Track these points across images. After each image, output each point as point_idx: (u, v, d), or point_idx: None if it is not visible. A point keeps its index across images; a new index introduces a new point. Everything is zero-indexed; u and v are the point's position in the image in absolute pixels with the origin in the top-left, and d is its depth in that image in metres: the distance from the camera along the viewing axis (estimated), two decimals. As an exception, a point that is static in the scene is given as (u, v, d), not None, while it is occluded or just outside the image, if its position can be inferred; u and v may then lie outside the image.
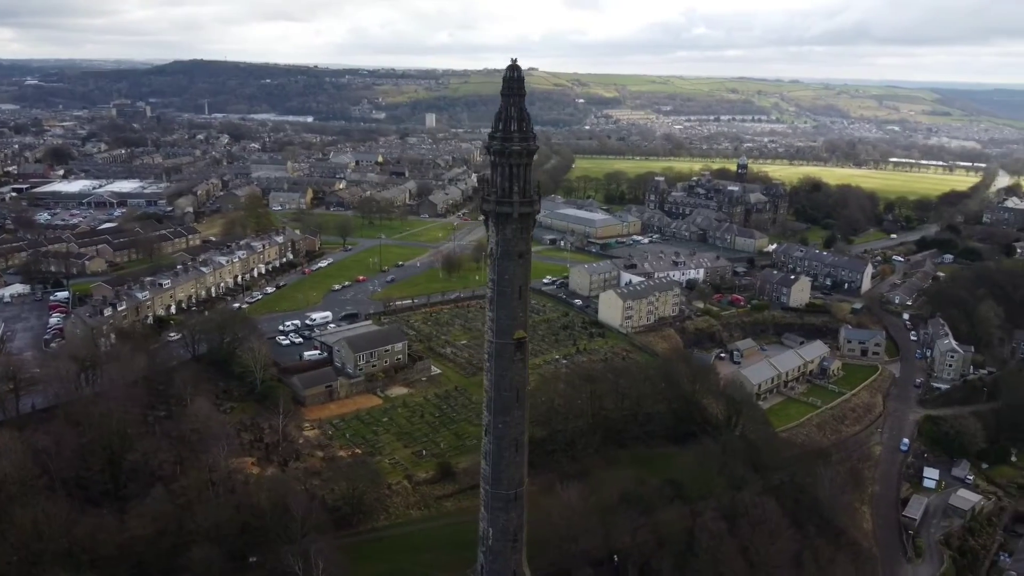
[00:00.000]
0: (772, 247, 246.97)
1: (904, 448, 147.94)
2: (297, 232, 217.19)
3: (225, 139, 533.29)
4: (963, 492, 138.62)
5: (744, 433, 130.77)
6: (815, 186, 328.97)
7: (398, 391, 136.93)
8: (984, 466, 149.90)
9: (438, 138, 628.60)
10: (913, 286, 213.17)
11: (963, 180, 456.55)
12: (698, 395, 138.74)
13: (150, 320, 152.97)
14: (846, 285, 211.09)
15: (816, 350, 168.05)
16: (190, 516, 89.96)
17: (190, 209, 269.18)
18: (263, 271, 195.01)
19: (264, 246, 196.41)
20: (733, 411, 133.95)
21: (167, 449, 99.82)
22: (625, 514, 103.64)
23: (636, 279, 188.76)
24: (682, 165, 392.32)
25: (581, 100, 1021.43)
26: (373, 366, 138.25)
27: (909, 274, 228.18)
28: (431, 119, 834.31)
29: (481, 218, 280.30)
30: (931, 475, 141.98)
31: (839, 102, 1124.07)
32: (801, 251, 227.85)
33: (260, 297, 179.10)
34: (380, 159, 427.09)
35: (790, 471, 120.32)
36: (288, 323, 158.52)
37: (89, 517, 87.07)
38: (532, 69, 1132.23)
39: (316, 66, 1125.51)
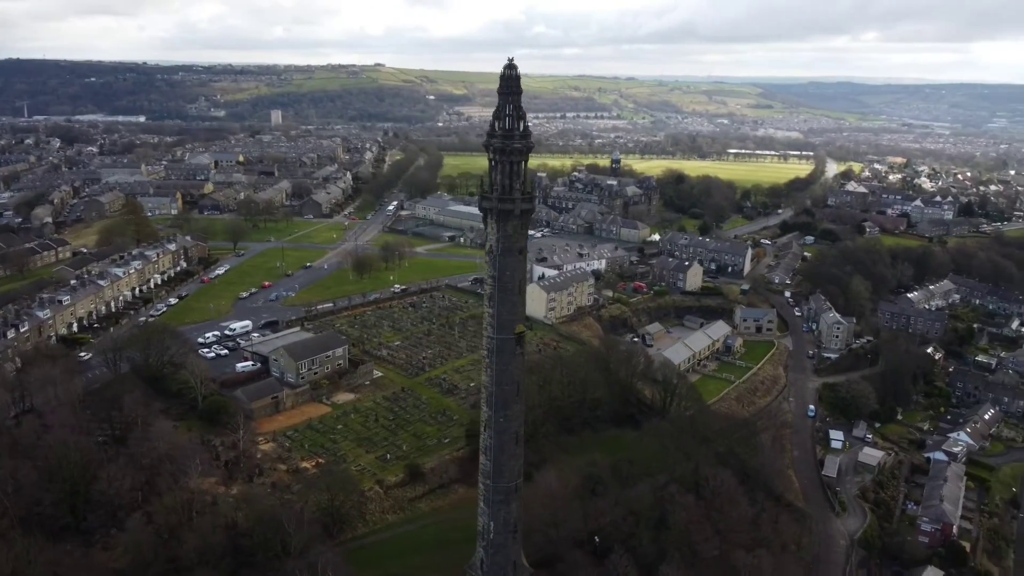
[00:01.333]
0: (655, 236, 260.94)
1: (811, 414, 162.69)
2: (188, 239, 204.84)
3: (56, 143, 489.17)
4: (868, 450, 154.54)
5: (681, 411, 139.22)
6: (679, 178, 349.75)
7: (344, 397, 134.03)
8: (877, 425, 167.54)
9: (291, 135, 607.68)
10: (788, 266, 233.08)
11: (798, 168, 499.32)
12: (633, 379, 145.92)
13: (53, 340, 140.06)
14: (729, 268, 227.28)
15: (720, 329, 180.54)
16: (177, 542, 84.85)
17: (49, 219, 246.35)
18: (159, 281, 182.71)
19: (158, 255, 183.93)
20: (669, 391, 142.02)
21: (134, 475, 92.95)
22: (602, 496, 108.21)
23: (548, 271, 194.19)
24: (554, 162, 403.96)
25: (431, 97, 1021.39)
26: (315, 373, 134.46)
27: (780, 256, 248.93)
28: (277, 116, 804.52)
29: (369, 216, 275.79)
30: (837, 437, 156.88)
31: (672, 98, 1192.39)
32: (686, 239, 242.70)
33: (164, 309, 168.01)
34: (241, 159, 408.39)
35: (729, 442, 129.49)
36: (208, 335, 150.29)
37: (66, 555, 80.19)
38: (379, 65, 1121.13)
39: (145, 63, 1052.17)
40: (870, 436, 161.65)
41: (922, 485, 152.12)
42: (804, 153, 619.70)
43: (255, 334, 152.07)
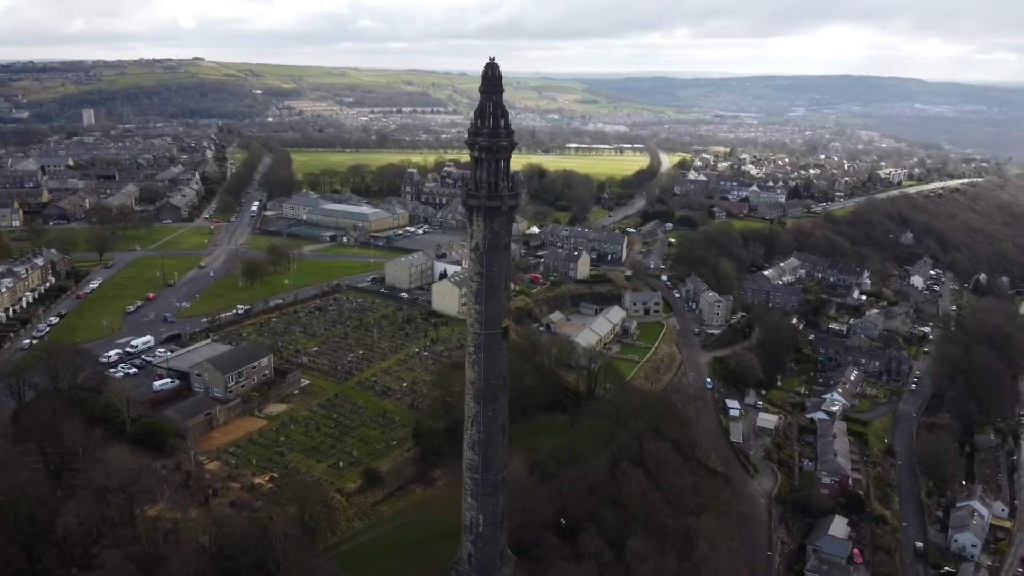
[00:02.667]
0: (534, 229, 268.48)
1: (709, 386, 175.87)
2: (53, 252, 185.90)
3: None
4: (763, 415, 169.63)
5: (606, 393, 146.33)
6: (541, 172, 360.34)
7: (276, 408, 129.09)
8: (763, 392, 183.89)
9: (112, 136, 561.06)
10: (659, 252, 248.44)
11: (636, 160, 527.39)
12: (557, 366, 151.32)
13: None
14: (609, 257, 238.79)
15: (618, 314, 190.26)
16: (165, 572, 79.42)
17: None
18: (31, 299, 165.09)
19: (27, 271, 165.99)
20: (593, 375, 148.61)
21: (98, 508, 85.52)
22: (559, 478, 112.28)
23: (451, 268, 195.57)
24: (417, 157, 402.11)
25: (259, 91, 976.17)
26: (242, 386, 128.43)
27: (649, 243, 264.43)
28: (89, 116, 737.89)
29: (232, 218, 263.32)
30: (733, 406, 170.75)
31: (504, 94, 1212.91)
32: (567, 230, 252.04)
33: (47, 329, 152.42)
34: (72, 163, 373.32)
35: (658, 417, 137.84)
36: (109, 353, 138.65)
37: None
38: (198, 59, 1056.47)
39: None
40: (760, 403, 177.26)
41: (811, 443, 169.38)
42: (636, 146, 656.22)
43: (160, 350, 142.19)
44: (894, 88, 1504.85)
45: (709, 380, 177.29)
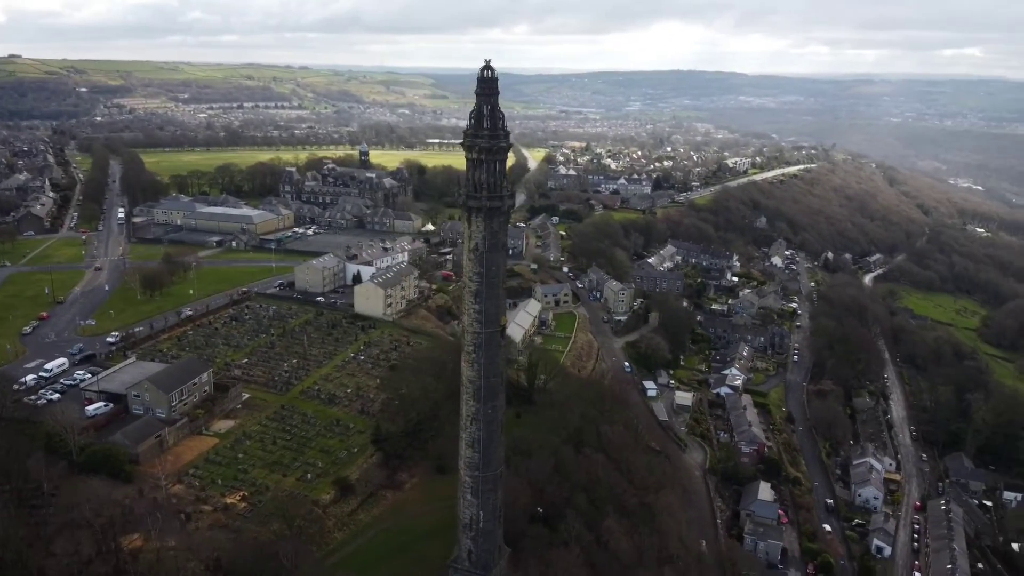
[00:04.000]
0: (430, 226, 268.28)
1: (629, 370, 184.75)
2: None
3: None
4: (679, 393, 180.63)
5: (547, 384, 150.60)
6: (420, 169, 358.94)
7: (224, 425, 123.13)
8: (671, 372, 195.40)
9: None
10: (556, 245, 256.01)
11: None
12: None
13: None
14: (511, 251, 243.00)
15: (535, 306, 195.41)
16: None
17: None
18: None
19: None
20: (533, 367, 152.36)
21: (87, 543, 79.21)
22: (537, 469, 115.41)
23: (364, 269, 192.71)
24: (288, 155, 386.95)
25: (83, 89, 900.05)
26: (185, 404, 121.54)
27: (542, 236, 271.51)
28: None
29: (100, 227, 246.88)
30: (651, 386, 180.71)
31: (351, 87, 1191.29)
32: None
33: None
34: None
35: (602, 403, 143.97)
36: (26, 379, 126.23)
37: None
38: (15, 56, 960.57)
39: None
40: (672, 382, 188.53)
41: (722, 417, 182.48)
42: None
43: (79, 372, 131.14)
44: (720, 82, 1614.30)
45: (628, 364, 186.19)
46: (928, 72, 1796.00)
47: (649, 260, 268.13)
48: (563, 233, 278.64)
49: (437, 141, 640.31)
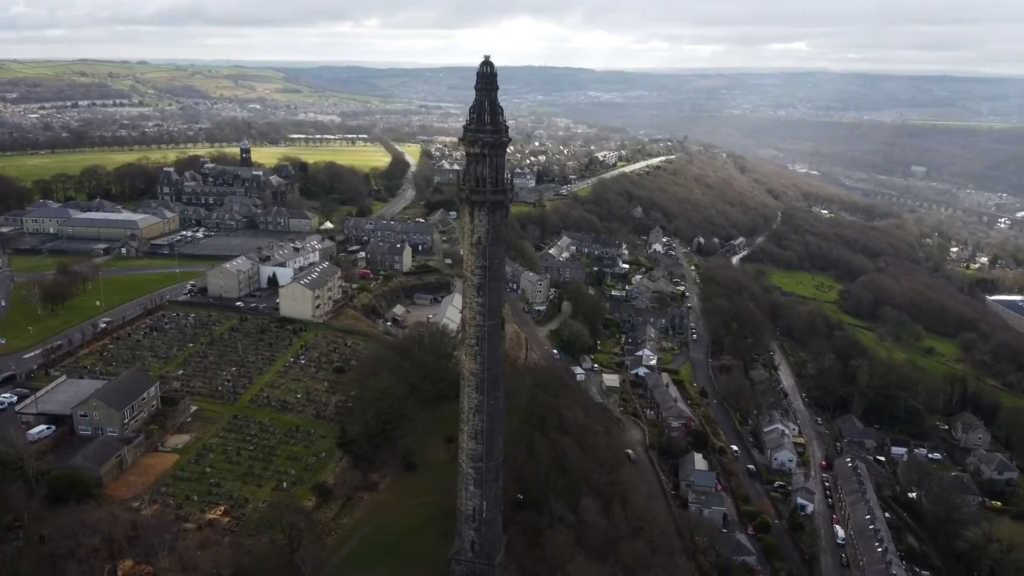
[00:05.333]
0: (328, 224, 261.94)
1: (558, 357, 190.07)
2: None
3: None
4: (607, 376, 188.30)
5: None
6: (303, 165, 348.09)
7: (180, 440, 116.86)
8: (592, 356, 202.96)
9: None
10: (463, 238, 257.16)
11: (370, 150, 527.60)
12: (438, 357, 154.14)
13: None
14: (420, 247, 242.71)
15: (460, 301, 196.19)
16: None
17: None
18: None
19: None
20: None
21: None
22: (516, 457, 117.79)
23: (279, 270, 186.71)
24: (156, 155, 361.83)
25: None
26: (136, 421, 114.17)
27: (445, 231, 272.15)
28: None
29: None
30: (579, 371, 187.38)
31: (195, 83, 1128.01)
32: (371, 224, 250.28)
33: None
34: None
35: (555, 389, 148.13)
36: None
37: None
38: None
39: None
40: (596, 366, 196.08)
41: (644, 395, 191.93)
42: (360, 136, 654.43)
43: (3, 395, 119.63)
44: (570, 77, 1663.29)
45: (556, 351, 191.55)
46: (759, 66, 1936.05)
47: (550, 251, 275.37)
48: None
49: (303, 137, 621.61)
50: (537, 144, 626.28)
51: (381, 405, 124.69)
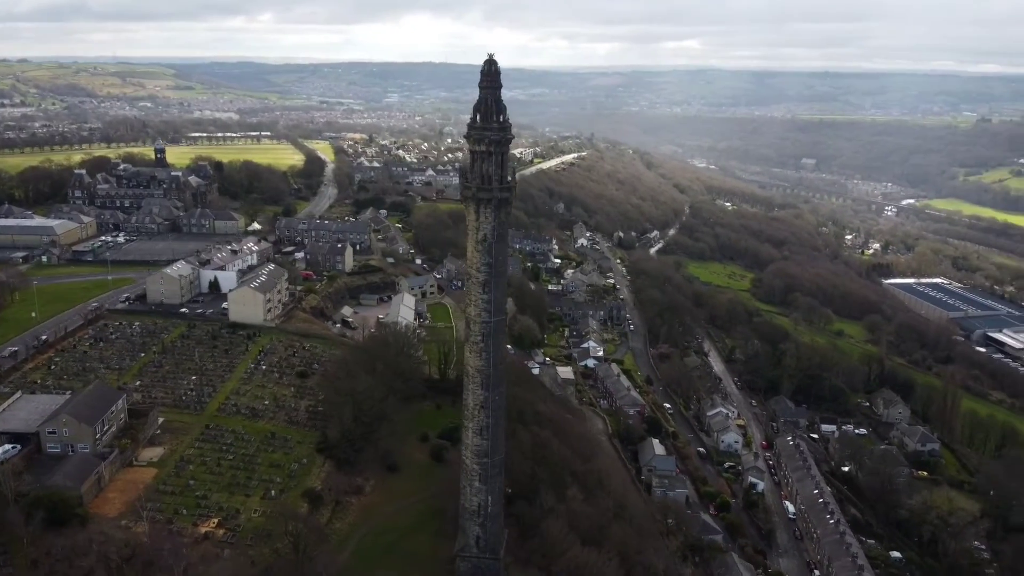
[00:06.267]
0: (256, 225, 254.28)
1: (513, 352, 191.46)
2: None
3: None
4: (560, 368, 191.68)
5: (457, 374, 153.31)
6: (217, 165, 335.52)
7: (153, 453, 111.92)
8: (542, 351, 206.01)
9: None
10: (399, 238, 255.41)
11: (279, 148, 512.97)
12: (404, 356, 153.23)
13: None
14: (357, 247, 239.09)
15: (411, 300, 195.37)
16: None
17: None
18: None
19: None
20: (443, 356, 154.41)
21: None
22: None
23: (221, 274, 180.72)
24: (59, 157, 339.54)
25: None
26: (106, 436, 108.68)
27: (380, 229, 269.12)
28: None
29: None
30: (534, 366, 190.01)
31: (81, 81, 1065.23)
32: (304, 223, 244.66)
33: None
34: None
35: (523, 384, 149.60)
36: None
37: None
38: None
39: None
40: (547, 359, 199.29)
41: (595, 386, 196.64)
42: (264, 134, 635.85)
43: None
44: (470, 74, 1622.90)
45: (510, 346, 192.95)
46: (655, 64, 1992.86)
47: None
48: (398, 226, 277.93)
49: (205, 135, 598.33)
50: (451, 141, 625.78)
51: (361, 407, 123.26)
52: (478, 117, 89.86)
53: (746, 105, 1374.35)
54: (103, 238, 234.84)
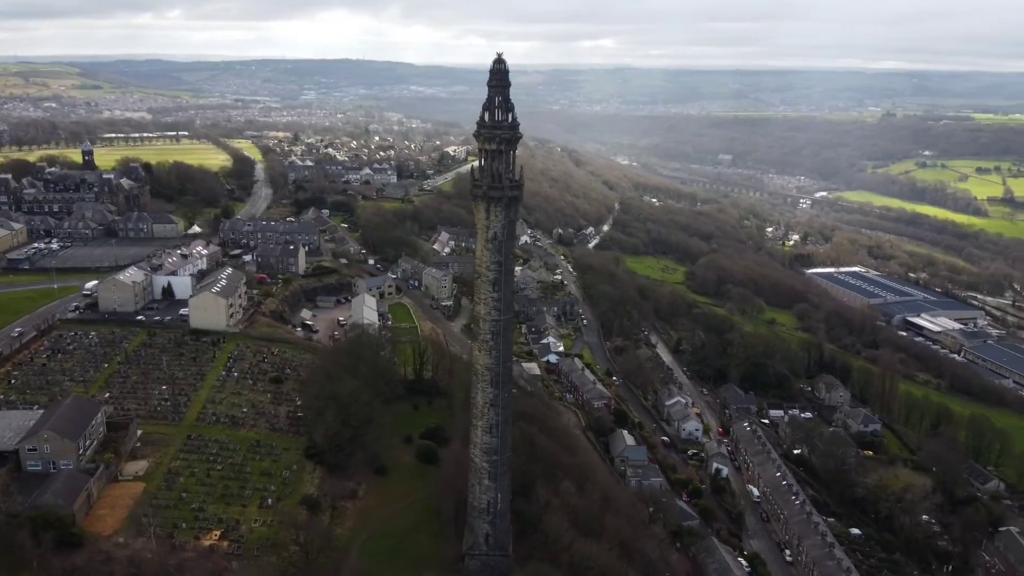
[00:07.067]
0: (196, 228, 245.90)
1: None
2: None
3: None
4: (526, 364, 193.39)
5: (436, 372, 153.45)
6: (147, 167, 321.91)
7: (137, 466, 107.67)
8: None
9: None
10: (348, 238, 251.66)
11: (200, 148, 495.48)
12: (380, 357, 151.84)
13: None
14: (307, 248, 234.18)
15: (373, 300, 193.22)
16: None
17: None
18: None
19: None
20: (417, 356, 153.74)
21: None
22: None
23: (174, 280, 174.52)
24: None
25: None
26: (88, 451, 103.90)
27: (327, 230, 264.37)
28: None
29: None
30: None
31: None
32: (249, 225, 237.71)
33: None
34: None
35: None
36: None
37: None
38: None
39: None
40: (514, 356, 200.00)
41: (559, 381, 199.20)
42: (182, 133, 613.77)
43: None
44: (389, 71, 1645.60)
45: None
46: (572, 62, 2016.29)
47: (434, 247, 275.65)
48: (344, 226, 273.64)
49: (120, 136, 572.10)
50: (378, 139, 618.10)
51: (348, 410, 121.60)
52: (487, 116, 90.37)
53: (663, 103, 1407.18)
54: (36, 245, 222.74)
